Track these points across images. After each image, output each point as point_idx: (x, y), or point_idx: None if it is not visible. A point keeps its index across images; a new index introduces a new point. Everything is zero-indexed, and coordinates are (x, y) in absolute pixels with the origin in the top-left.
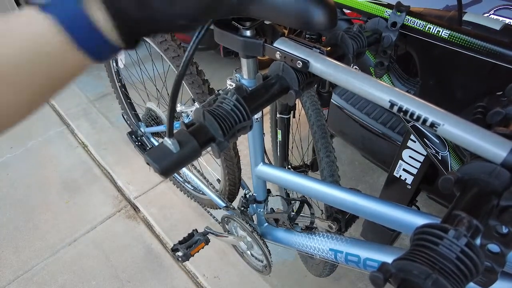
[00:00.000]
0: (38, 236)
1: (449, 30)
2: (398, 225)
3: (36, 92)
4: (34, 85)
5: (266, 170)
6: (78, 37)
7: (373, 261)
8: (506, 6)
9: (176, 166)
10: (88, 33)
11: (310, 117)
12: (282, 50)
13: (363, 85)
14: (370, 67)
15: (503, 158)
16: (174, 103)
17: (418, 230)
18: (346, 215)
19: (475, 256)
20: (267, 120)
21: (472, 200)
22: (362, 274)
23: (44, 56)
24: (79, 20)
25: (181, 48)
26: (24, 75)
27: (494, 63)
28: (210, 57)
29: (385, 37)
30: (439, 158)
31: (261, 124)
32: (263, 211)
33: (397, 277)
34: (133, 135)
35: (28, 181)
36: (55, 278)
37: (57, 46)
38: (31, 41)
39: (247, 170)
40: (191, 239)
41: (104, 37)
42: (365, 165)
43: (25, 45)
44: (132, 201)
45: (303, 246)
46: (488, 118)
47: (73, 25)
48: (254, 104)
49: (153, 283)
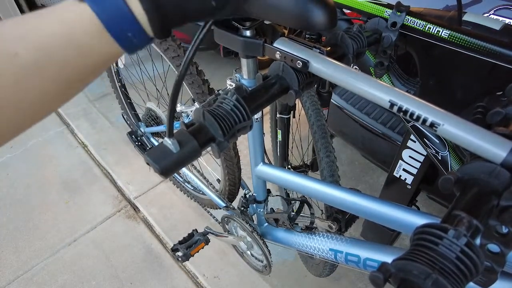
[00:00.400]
0: (38, 236)
1: (449, 30)
2: (398, 225)
3: (67, 80)
4: (65, 73)
5: (266, 170)
6: (112, 26)
7: (373, 261)
8: (506, 6)
9: (176, 166)
10: (123, 21)
11: (310, 117)
12: (282, 50)
13: (363, 85)
14: (370, 67)
15: (503, 158)
16: (174, 103)
17: (418, 230)
18: (346, 215)
19: (475, 256)
20: (267, 120)
21: (472, 200)
22: (362, 274)
23: (77, 44)
24: (114, 8)
25: (181, 48)
26: (57, 62)
27: (494, 63)
28: (210, 57)
29: (385, 37)
30: (439, 158)
31: (261, 124)
32: (263, 211)
33: (397, 277)
34: (133, 135)
35: (28, 181)
36: (55, 278)
37: (90, 33)
38: (66, 27)
39: (247, 170)
40: (191, 239)
41: (138, 26)
42: (365, 165)
43: (59, 32)
44: (132, 201)
45: (303, 246)
46: (488, 118)
47: (108, 13)
48: (254, 104)
49: (153, 283)
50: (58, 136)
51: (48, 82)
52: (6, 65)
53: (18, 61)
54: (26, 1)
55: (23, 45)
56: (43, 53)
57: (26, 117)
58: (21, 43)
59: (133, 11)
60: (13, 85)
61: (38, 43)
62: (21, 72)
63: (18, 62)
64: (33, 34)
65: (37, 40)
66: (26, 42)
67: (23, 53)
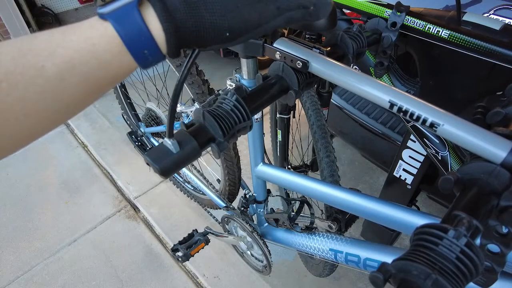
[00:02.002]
0: (38, 236)
1: (449, 30)
2: (398, 225)
3: (85, 91)
4: (84, 85)
5: (266, 170)
6: (132, 44)
7: (373, 261)
8: (506, 6)
9: (176, 167)
10: (141, 40)
11: (310, 117)
12: (282, 50)
13: (363, 85)
14: (370, 67)
15: (503, 158)
16: (174, 104)
17: (418, 230)
18: (346, 215)
19: (475, 256)
20: (267, 120)
21: (472, 200)
22: (362, 274)
23: (98, 59)
24: (135, 28)
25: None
26: (78, 75)
27: (494, 63)
28: (210, 57)
29: (385, 37)
30: (439, 158)
31: (261, 124)
32: (263, 211)
33: (397, 277)
34: (133, 135)
35: (28, 181)
36: (55, 279)
37: (111, 50)
38: (90, 44)
39: (247, 170)
40: (191, 239)
41: (155, 45)
42: (365, 165)
43: (83, 48)
44: (132, 201)
45: (303, 246)
46: (488, 118)
47: (128, 33)
48: (254, 105)
49: (153, 283)
50: (58, 136)
51: (68, 93)
52: (34, 78)
53: (44, 73)
54: (26, 1)
55: (50, 59)
56: (66, 67)
57: (46, 124)
58: (50, 58)
59: (151, 31)
60: (38, 95)
61: (64, 57)
62: (45, 84)
63: (44, 74)
64: (60, 49)
65: (63, 54)
66: (54, 57)
67: (49, 66)
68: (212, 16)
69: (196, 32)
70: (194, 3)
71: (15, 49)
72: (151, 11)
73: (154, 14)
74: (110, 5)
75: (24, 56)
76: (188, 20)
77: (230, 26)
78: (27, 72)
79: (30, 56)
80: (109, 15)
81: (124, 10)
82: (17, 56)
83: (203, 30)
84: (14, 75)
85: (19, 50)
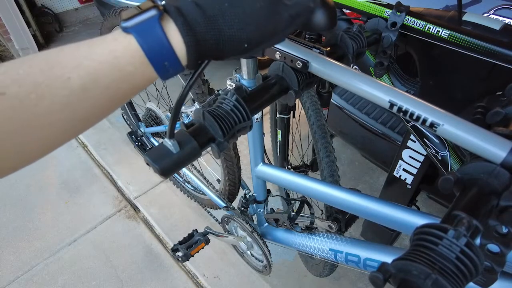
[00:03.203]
0: (38, 236)
1: (449, 30)
2: (398, 225)
3: (107, 101)
4: (106, 95)
5: (266, 170)
6: (153, 56)
7: (373, 261)
8: (506, 6)
9: (176, 167)
10: (163, 53)
11: (310, 117)
12: (282, 50)
13: (363, 85)
14: (370, 67)
15: (502, 158)
16: (179, 106)
17: (418, 230)
18: (346, 215)
19: (475, 256)
20: (267, 120)
21: (471, 200)
22: (362, 274)
23: (120, 70)
24: (157, 41)
25: None
26: (102, 86)
27: (494, 63)
28: None
29: (385, 37)
30: (439, 158)
31: (261, 124)
32: (263, 211)
33: (397, 277)
34: (133, 135)
35: (28, 181)
36: (55, 279)
37: (133, 63)
38: (113, 56)
39: (247, 170)
40: (191, 239)
41: (175, 58)
42: (365, 165)
43: (107, 60)
44: (132, 201)
45: (303, 246)
46: (488, 118)
47: (151, 46)
48: (254, 105)
49: (153, 283)
50: None
51: (91, 103)
52: (60, 89)
53: (69, 84)
54: (26, 1)
55: (76, 71)
56: (91, 78)
57: (69, 132)
58: (75, 70)
59: (172, 44)
60: (63, 105)
61: (89, 69)
62: (70, 95)
63: (69, 85)
64: (86, 61)
65: (88, 66)
66: (79, 69)
67: (74, 78)
68: (231, 29)
69: (215, 45)
70: (213, 17)
71: (43, 62)
72: (172, 25)
73: (175, 28)
74: (133, 19)
75: (52, 69)
76: (208, 34)
77: (248, 38)
78: (54, 84)
79: (57, 68)
80: (132, 29)
81: (146, 24)
82: (45, 68)
83: (222, 43)
84: (42, 87)
85: (46, 62)
